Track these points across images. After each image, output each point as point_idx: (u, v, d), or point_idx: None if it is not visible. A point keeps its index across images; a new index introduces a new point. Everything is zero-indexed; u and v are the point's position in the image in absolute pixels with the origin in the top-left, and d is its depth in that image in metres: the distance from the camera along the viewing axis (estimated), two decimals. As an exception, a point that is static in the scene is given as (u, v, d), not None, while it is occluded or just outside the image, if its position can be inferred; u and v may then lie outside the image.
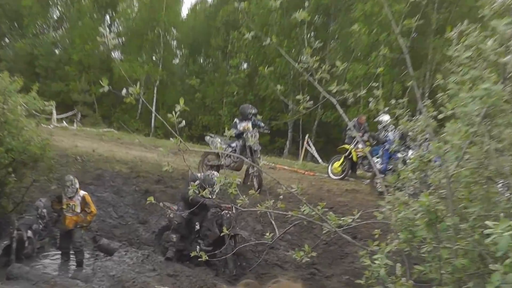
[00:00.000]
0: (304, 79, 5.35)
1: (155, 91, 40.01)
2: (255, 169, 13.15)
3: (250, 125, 13.80)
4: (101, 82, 4.14)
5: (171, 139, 4.47)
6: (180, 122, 4.29)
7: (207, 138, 14.65)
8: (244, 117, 13.94)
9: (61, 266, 10.68)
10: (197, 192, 5.12)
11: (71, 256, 10.77)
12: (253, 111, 13.97)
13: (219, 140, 14.22)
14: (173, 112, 4.25)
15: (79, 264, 10.57)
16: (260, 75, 35.98)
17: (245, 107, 14.25)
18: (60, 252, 10.97)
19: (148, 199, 4.90)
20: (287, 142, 35.53)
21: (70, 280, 8.65)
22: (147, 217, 12.81)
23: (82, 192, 10.73)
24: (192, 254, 5.94)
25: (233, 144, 13.88)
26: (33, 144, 10.14)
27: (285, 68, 33.62)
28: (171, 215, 10.81)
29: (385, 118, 14.99)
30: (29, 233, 10.43)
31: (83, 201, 10.63)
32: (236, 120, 14.23)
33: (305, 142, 25.14)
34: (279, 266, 10.48)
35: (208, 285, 8.69)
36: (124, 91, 4.14)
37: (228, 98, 38.75)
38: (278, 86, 5.30)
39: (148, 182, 14.05)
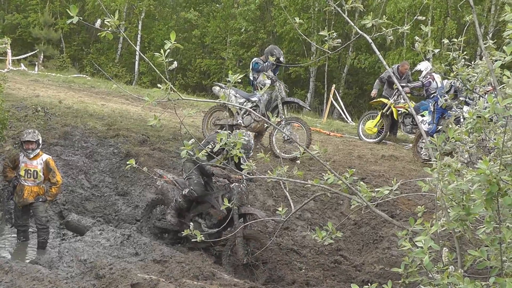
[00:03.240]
0: (331, 10, 5.25)
1: (139, 27, 39.81)
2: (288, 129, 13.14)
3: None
4: (69, 12, 4.11)
5: (158, 85, 4.45)
6: (171, 63, 4.27)
7: (216, 89, 14.48)
8: (268, 61, 13.85)
9: (18, 248, 10.83)
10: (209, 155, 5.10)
11: (30, 235, 10.86)
12: (282, 57, 13.94)
13: (234, 92, 14.13)
14: (162, 51, 4.23)
15: (42, 245, 10.66)
16: (276, 7, 35.65)
17: (274, 48, 14.17)
18: (16, 230, 11.09)
19: (128, 162, 4.88)
20: (308, 95, 35.38)
21: (30, 265, 8.72)
22: (128, 188, 12.88)
23: (45, 156, 10.78)
24: (185, 233, 5.96)
25: (254, 98, 13.86)
26: (-19, 92, 10.17)
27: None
28: (160, 186, 10.87)
29: (424, 65, 14.96)
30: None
31: (46, 167, 10.69)
32: (257, 61, 14.07)
33: (330, 95, 25.02)
34: (295, 252, 10.55)
35: (204, 274, 8.75)
36: (98, 22, 4.12)
37: (234, 37, 38.38)
38: (297, 19, 5.21)
39: (129, 143, 14.08)
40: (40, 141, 10.72)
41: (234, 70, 34.39)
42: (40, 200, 10.67)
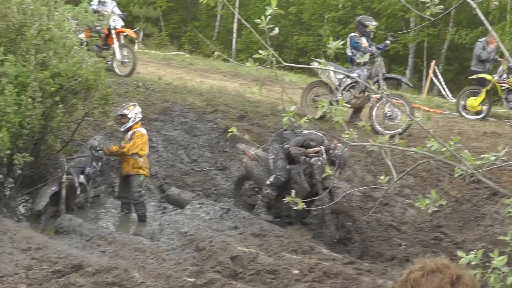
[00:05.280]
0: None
1: (236, 4, 39.97)
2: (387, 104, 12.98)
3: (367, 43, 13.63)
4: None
5: (260, 51, 4.42)
6: (272, 29, 4.27)
7: (315, 64, 14.25)
8: (365, 33, 13.72)
9: (121, 220, 11.16)
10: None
11: (134, 208, 11.20)
12: (374, 23, 13.78)
13: (332, 67, 14.02)
14: (262, 17, 4.23)
15: (141, 218, 10.98)
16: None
17: (365, 19, 14.02)
18: (120, 202, 11.41)
19: (230, 130, 4.86)
20: (407, 71, 34.77)
21: (132, 236, 9.01)
22: (227, 163, 13.02)
23: (137, 130, 11.09)
24: (287, 200, 5.89)
25: (354, 74, 13.67)
26: (84, 68, 10.38)
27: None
28: (246, 162, 10.96)
29: None
30: (82, 178, 10.81)
31: (129, 137, 11.03)
32: (355, 35, 13.96)
33: (430, 71, 24.52)
34: (394, 228, 10.46)
35: (303, 248, 8.81)
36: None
37: (331, 13, 38.00)
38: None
39: (228, 119, 14.17)
40: (128, 114, 11.03)
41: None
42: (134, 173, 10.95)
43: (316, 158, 9.96)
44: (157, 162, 12.61)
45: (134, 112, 11.07)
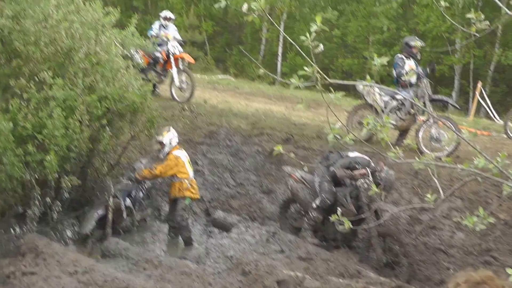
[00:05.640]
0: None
1: (281, 28, 40.09)
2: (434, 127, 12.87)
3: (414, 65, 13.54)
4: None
5: (305, 68, 4.37)
6: (316, 46, 4.22)
7: (360, 87, 14.27)
8: (411, 54, 13.63)
9: (167, 243, 11.16)
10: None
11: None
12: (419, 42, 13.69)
13: (378, 90, 13.98)
14: (307, 34, 4.19)
15: (187, 242, 10.96)
16: (419, 5, 34.95)
17: (410, 39, 13.94)
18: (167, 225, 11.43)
19: (275, 148, 4.81)
20: (453, 93, 34.43)
21: (178, 260, 8.98)
22: (272, 186, 12.98)
23: (176, 152, 11.12)
24: (332, 218, 5.82)
25: (399, 96, 13.58)
26: (131, 91, 10.47)
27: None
28: (292, 185, 10.92)
29: None
30: (128, 201, 10.91)
31: (163, 159, 11.10)
32: (400, 57, 13.86)
33: (476, 92, 24.21)
34: (442, 252, 10.28)
35: (350, 272, 8.70)
36: (245, 6, 4.13)
37: (376, 36, 37.86)
38: (442, 2, 5.01)
39: (274, 142, 14.12)
40: (163, 140, 11.12)
41: (377, 70, 33.99)
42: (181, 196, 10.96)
43: (362, 180, 9.86)
44: (203, 186, 12.62)
45: (168, 137, 11.15)
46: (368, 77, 4.70)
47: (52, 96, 9.34)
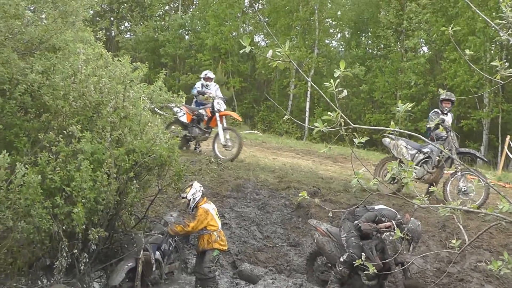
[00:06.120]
0: (503, 40, 5.07)
1: (309, 84, 40.30)
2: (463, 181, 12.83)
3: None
4: (241, 42, 4.25)
5: (329, 113, 4.43)
6: (340, 92, 4.29)
7: (387, 140, 14.47)
8: (442, 109, 13.73)
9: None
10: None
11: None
12: (449, 96, 13.77)
13: (404, 143, 14.04)
14: (331, 81, 4.27)
15: (213, 294, 10.97)
16: (446, 60, 35.03)
17: (444, 94, 14.03)
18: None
19: (300, 194, 4.84)
20: (482, 147, 34.23)
21: (205, 312, 8.99)
22: (299, 239, 12.98)
23: (203, 206, 11.19)
24: (356, 263, 5.84)
25: (426, 149, 13.69)
26: (159, 144, 10.59)
27: (480, 48, 32.40)
28: (318, 238, 10.92)
29: None
30: (157, 254, 10.97)
31: (194, 213, 11.15)
32: (435, 111, 13.94)
33: (505, 146, 24.11)
34: (471, 305, 10.17)
35: (377, 325, 8.64)
36: (270, 52, 4.23)
37: (404, 91, 37.87)
38: (467, 51, 5.07)
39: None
40: (187, 196, 11.27)
41: (405, 125, 34.05)
42: (209, 249, 10.98)
43: (387, 233, 9.83)
44: (230, 239, 12.66)
45: (191, 193, 11.28)
46: (392, 123, 4.74)
47: (80, 150, 9.45)
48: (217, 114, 16.65)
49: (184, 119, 16.84)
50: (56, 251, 9.37)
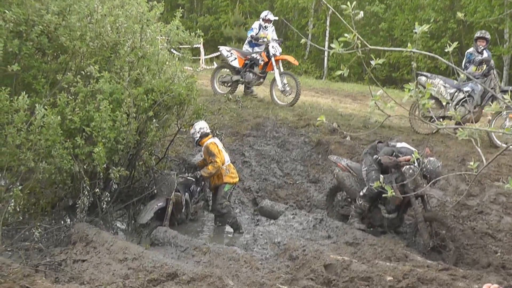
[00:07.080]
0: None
1: (327, 22, 39.91)
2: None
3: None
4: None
5: (345, 34, 4.36)
6: (357, 14, 4.24)
7: (423, 79, 13.92)
8: (475, 47, 13.53)
9: (215, 231, 11.29)
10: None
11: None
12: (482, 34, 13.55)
13: (442, 81, 13.90)
14: (348, 3, 4.20)
15: (235, 227, 11.15)
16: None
17: (479, 32, 13.80)
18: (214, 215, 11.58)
19: (319, 118, 4.72)
20: (502, 83, 33.81)
21: (226, 247, 9.06)
22: (319, 175, 13.03)
23: (209, 141, 11.18)
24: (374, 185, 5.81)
25: (467, 88, 13.45)
26: (177, 83, 10.59)
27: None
28: (338, 173, 10.95)
29: None
30: (187, 195, 11.12)
31: (206, 151, 11.12)
32: (469, 51, 13.70)
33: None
34: (490, 236, 10.17)
35: (397, 255, 8.68)
36: None
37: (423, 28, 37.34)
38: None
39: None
40: (194, 134, 11.29)
41: (424, 62, 33.70)
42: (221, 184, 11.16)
43: (407, 166, 9.82)
44: (251, 176, 12.74)
45: (198, 126, 11.30)
46: (409, 44, 4.66)
47: (99, 90, 9.48)
48: (272, 59, 16.16)
49: (235, 63, 16.52)
50: (78, 191, 9.50)
